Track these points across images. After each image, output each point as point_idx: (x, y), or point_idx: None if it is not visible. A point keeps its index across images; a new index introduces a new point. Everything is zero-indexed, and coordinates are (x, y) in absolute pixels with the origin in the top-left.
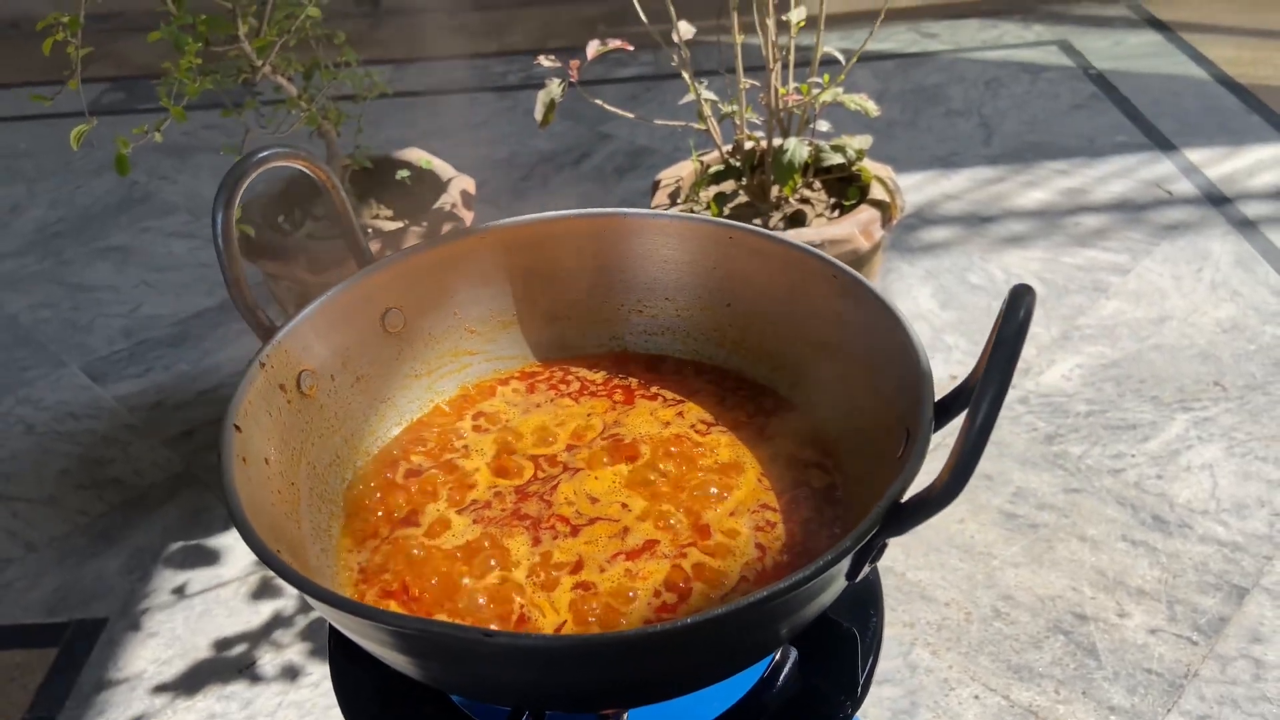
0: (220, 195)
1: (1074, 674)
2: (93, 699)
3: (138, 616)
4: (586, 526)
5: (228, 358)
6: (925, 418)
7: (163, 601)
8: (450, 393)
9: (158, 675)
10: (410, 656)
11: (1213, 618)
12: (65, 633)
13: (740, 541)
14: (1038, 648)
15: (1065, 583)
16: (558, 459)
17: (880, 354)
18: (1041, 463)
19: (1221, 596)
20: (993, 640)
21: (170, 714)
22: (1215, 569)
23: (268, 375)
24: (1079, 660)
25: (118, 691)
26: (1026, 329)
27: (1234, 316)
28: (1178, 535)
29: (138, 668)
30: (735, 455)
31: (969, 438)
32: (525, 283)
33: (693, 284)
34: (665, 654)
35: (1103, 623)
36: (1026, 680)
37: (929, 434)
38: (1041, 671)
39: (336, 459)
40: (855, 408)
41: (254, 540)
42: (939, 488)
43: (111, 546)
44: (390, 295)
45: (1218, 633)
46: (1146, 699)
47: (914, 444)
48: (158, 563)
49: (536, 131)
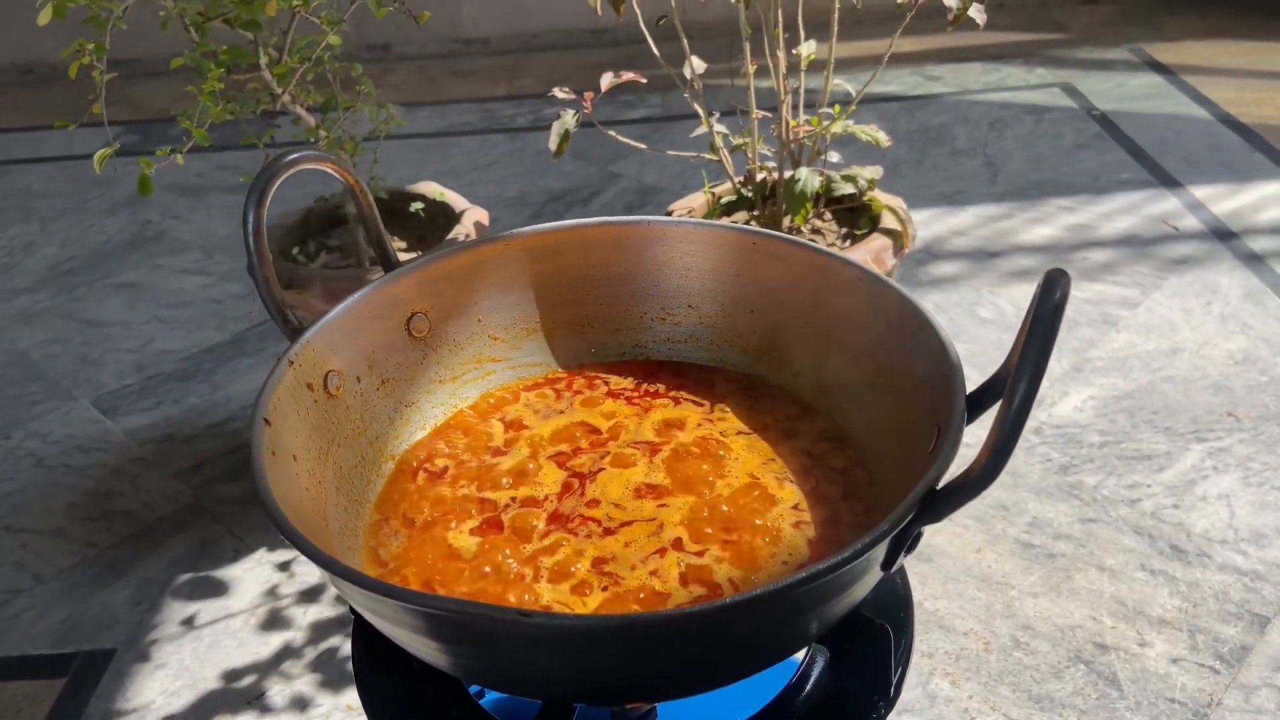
0: (252, 194)
1: (1096, 704)
2: None
3: (146, 647)
4: (619, 529)
5: (238, 391)
6: (958, 410)
7: (171, 633)
8: (473, 398)
9: (166, 706)
10: (440, 642)
11: (1235, 647)
12: (73, 664)
13: (772, 543)
14: (1058, 678)
15: (1085, 612)
16: (585, 463)
17: (908, 353)
18: (1057, 492)
19: (1243, 625)
20: (1013, 670)
21: None
22: (1236, 598)
23: (296, 373)
24: (1101, 690)
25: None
26: (1062, 310)
27: (1245, 349)
28: (1197, 564)
29: (146, 698)
30: (764, 458)
31: (1006, 418)
32: (549, 290)
33: (715, 291)
34: (701, 638)
35: (1124, 652)
36: (1048, 710)
37: (961, 425)
38: (1063, 701)
39: (362, 460)
40: (883, 408)
41: (282, 522)
42: (976, 471)
43: (120, 578)
44: (416, 300)
45: (1240, 662)
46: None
47: (945, 438)
48: (166, 594)
49: (546, 171)
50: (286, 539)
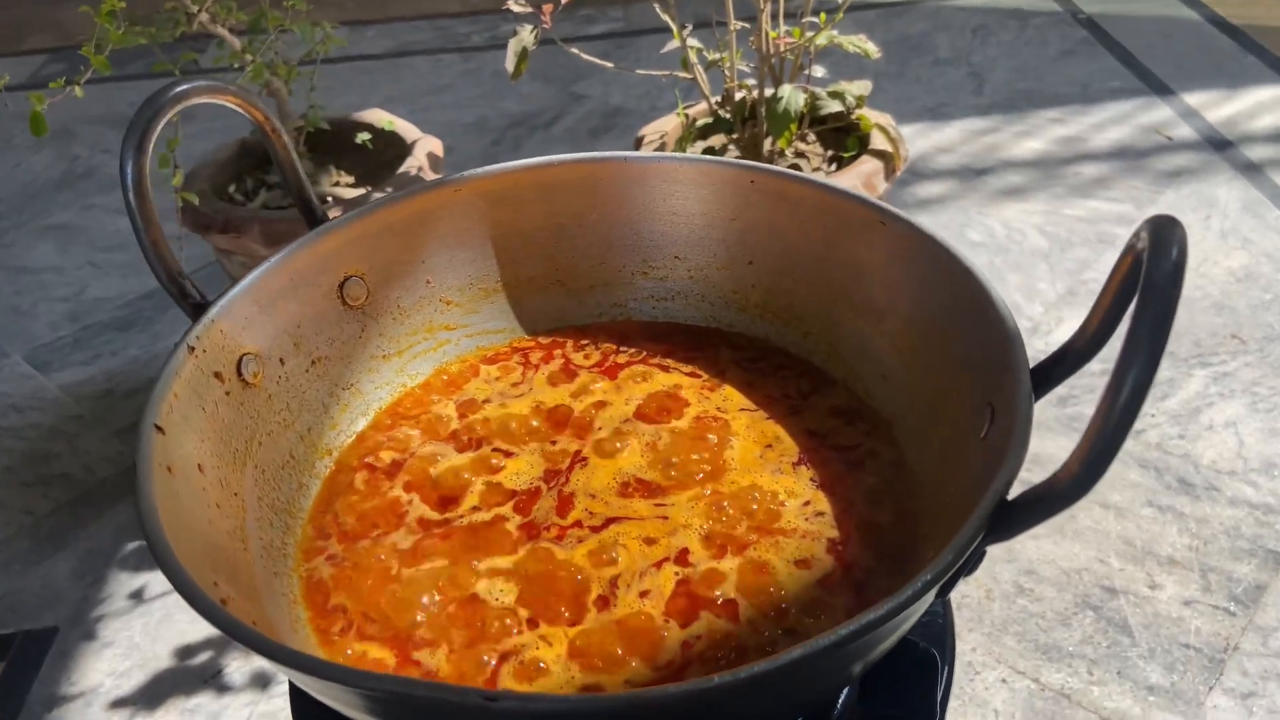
0: (130, 137)
1: (1107, 652)
2: (44, 716)
3: (91, 625)
4: (602, 536)
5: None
6: (1021, 389)
7: (118, 608)
8: (425, 375)
9: (115, 688)
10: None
11: (1249, 586)
12: (11, 645)
13: (790, 552)
14: (1066, 625)
15: (1091, 554)
16: (560, 453)
17: (944, 314)
18: (1057, 426)
19: (1256, 563)
20: (1017, 619)
21: None
22: (1248, 534)
23: (199, 362)
24: (1111, 637)
25: (71, 707)
26: (1183, 271)
27: (1246, 265)
28: (1205, 499)
29: (93, 680)
30: (769, 439)
31: (1111, 415)
32: (510, 243)
33: (707, 239)
34: (713, 712)
35: (1133, 596)
36: (1056, 661)
37: (1029, 410)
38: (1072, 651)
39: (291, 460)
40: (915, 379)
41: (177, 575)
42: (1065, 480)
43: (60, 549)
44: (349, 261)
45: (1256, 602)
46: (1186, 676)
47: (1003, 423)
48: (111, 566)
49: (505, 93)
50: (181, 594)
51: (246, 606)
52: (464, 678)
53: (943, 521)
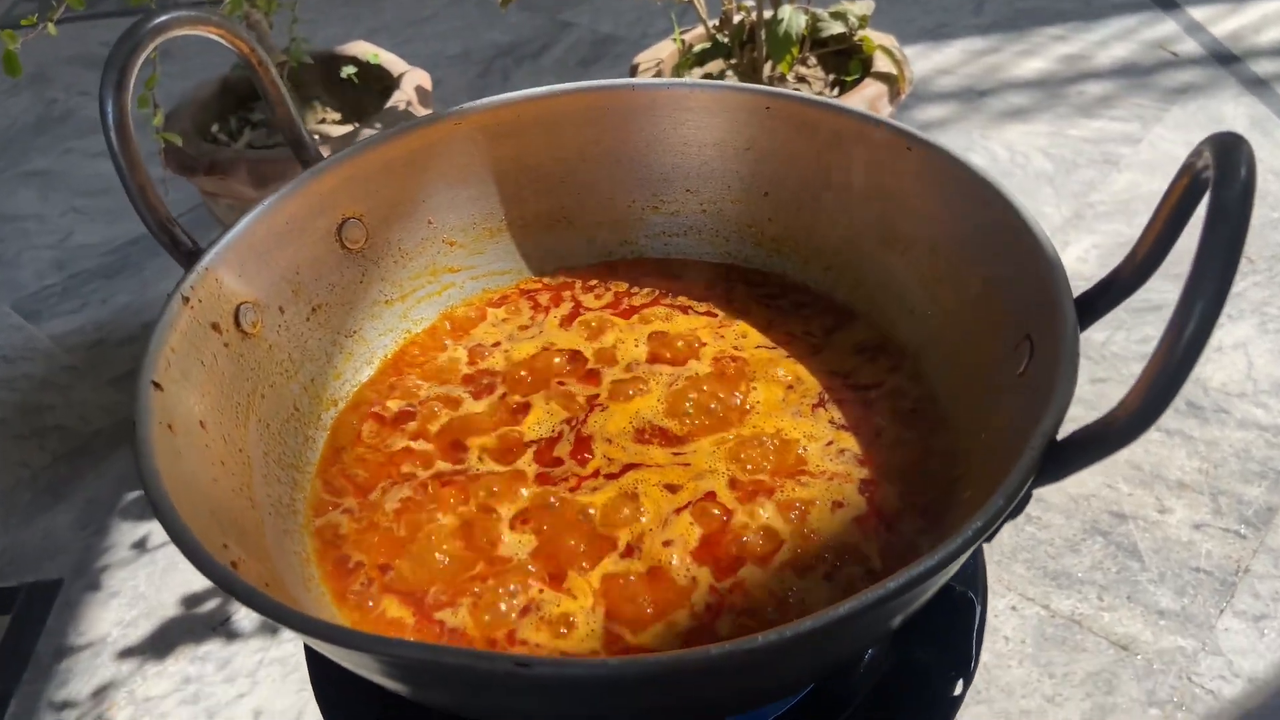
0: (109, 74)
1: (1116, 578)
2: (53, 668)
3: (96, 575)
4: (619, 483)
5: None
6: (1065, 322)
7: (122, 558)
8: (430, 320)
9: (123, 638)
10: (416, 688)
11: (1260, 508)
12: (17, 598)
13: (818, 494)
14: (1075, 551)
15: (1099, 480)
16: (574, 396)
17: (975, 242)
18: None
19: (1267, 485)
20: (1026, 546)
21: (140, 680)
22: (1258, 455)
23: (195, 313)
24: (1121, 563)
25: (80, 659)
26: (1253, 193)
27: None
28: (1214, 421)
29: (100, 631)
30: (790, 380)
31: (1176, 349)
32: (514, 179)
33: (720, 170)
34: (754, 671)
35: (1143, 520)
36: (1066, 588)
37: (1075, 344)
38: (1081, 577)
39: (295, 412)
40: (942, 312)
41: (187, 542)
42: (1123, 417)
43: (60, 501)
44: (347, 202)
45: (1267, 524)
46: (1197, 600)
47: (1045, 357)
48: (113, 515)
49: (491, 23)
50: (191, 560)
51: (258, 568)
52: (489, 637)
53: (979, 462)
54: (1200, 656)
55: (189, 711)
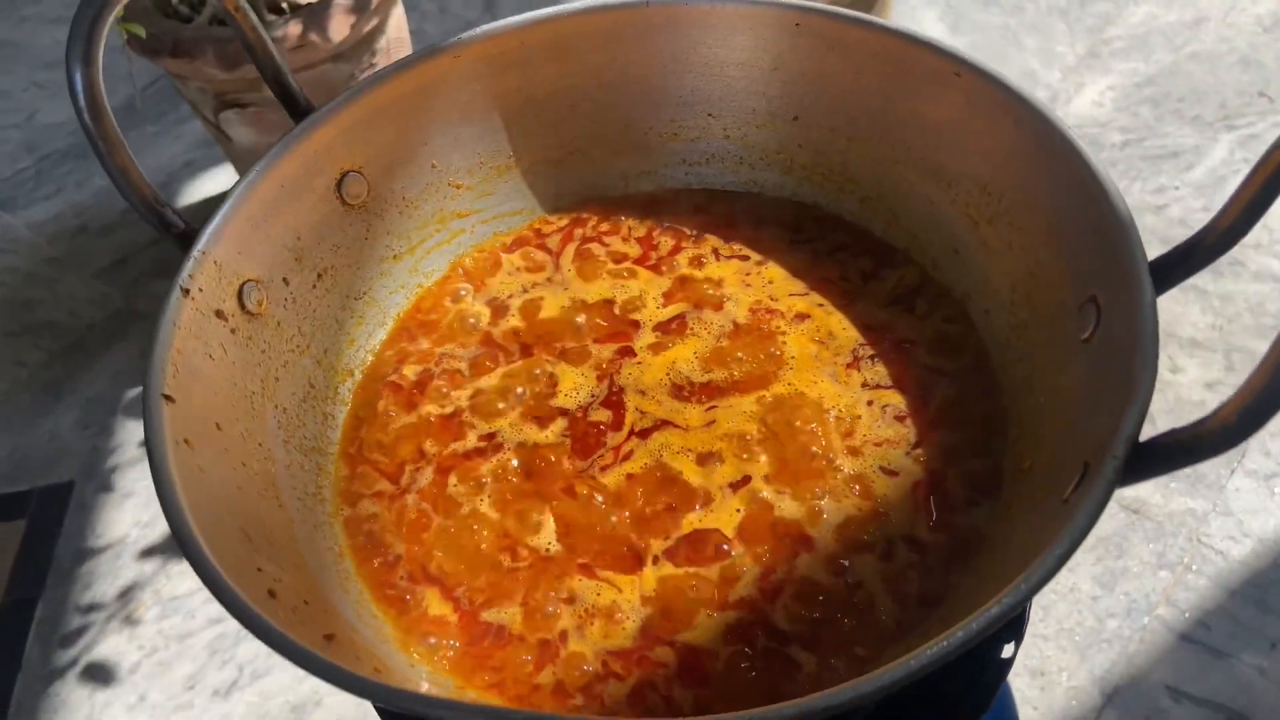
0: (74, 47)
1: None
2: (75, 572)
3: (106, 476)
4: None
5: (150, 166)
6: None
7: (130, 457)
8: (442, 270)
9: (142, 538)
10: None
11: None
12: (29, 502)
13: (864, 459)
14: None
15: None
16: (600, 352)
17: (1032, 185)
18: None
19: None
20: None
21: (165, 579)
22: (1273, 309)
23: (197, 304)
24: None
25: (101, 560)
26: None
27: (1274, 11)
28: (1229, 275)
29: (118, 533)
30: (825, 331)
31: None
32: (520, 113)
33: (745, 93)
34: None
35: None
36: None
37: (1153, 322)
38: None
39: (311, 390)
40: (992, 257)
41: (225, 593)
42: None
43: (60, 401)
44: (342, 155)
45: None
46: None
47: (1117, 329)
48: (116, 414)
49: None
50: (234, 615)
51: (294, 582)
52: (541, 639)
53: (1035, 427)
54: (1210, 518)
55: (217, 607)
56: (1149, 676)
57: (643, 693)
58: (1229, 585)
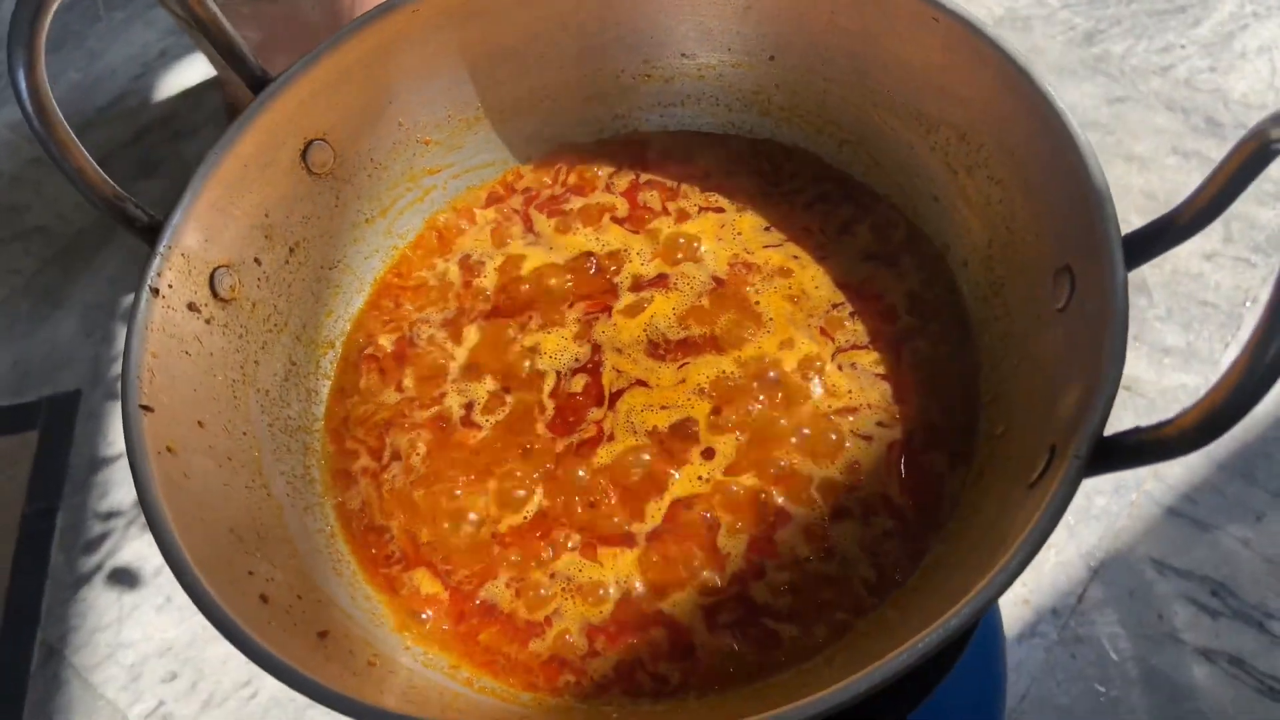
0: (15, 54)
1: None
2: (91, 481)
3: (113, 384)
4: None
5: (122, 57)
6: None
7: None
8: (416, 230)
9: None
10: None
11: (1273, 233)
12: (38, 412)
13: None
14: None
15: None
16: (576, 312)
17: (1008, 138)
18: (1081, 70)
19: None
20: None
21: None
22: (1275, 175)
23: (168, 301)
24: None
25: (116, 468)
26: None
27: None
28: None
29: None
30: (805, 285)
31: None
32: (486, 62)
33: (718, 30)
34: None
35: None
36: None
37: (1124, 306)
38: None
39: (293, 368)
40: (970, 206)
41: (217, 614)
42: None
43: (58, 308)
44: (305, 124)
45: (1278, 249)
46: (1202, 334)
47: (1088, 307)
48: (115, 319)
49: None
50: (224, 635)
51: (287, 578)
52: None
53: (1008, 391)
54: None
55: None
56: (1134, 550)
57: (629, 668)
58: (1217, 459)
